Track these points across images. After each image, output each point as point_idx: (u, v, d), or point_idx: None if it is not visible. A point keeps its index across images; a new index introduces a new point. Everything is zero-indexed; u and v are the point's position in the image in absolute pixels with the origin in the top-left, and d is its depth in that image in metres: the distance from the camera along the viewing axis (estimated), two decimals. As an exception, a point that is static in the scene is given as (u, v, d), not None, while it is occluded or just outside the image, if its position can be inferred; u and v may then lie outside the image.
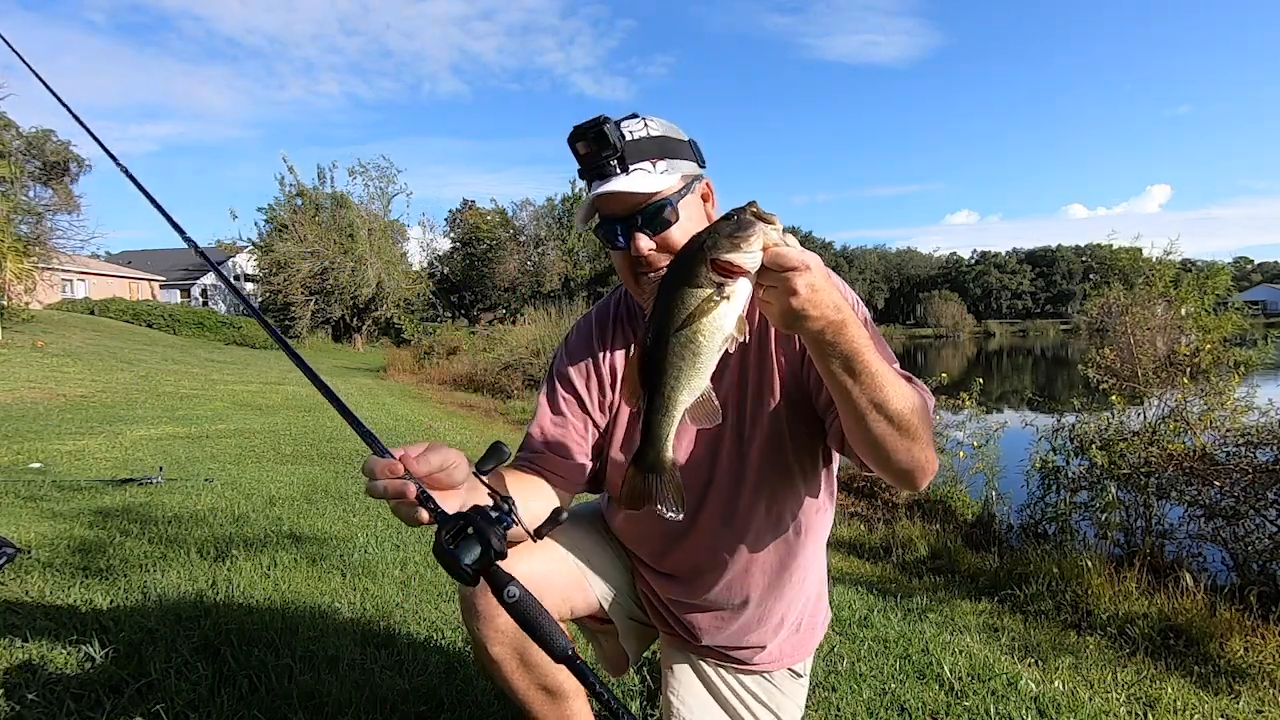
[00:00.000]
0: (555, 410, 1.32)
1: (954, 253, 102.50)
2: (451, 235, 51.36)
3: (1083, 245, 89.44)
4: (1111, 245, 9.42)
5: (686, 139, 1.25)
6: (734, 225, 0.89)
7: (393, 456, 0.88)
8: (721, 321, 0.91)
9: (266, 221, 32.81)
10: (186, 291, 41.34)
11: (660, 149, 1.19)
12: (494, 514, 0.87)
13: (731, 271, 0.89)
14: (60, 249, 25.95)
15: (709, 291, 0.90)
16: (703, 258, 0.90)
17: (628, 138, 1.17)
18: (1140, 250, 8.04)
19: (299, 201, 32.55)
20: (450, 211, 54.32)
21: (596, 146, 1.15)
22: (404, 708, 1.76)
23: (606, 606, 1.36)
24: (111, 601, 2.34)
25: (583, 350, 1.36)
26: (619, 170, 1.16)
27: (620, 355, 1.35)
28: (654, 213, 1.17)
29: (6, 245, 17.43)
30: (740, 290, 0.91)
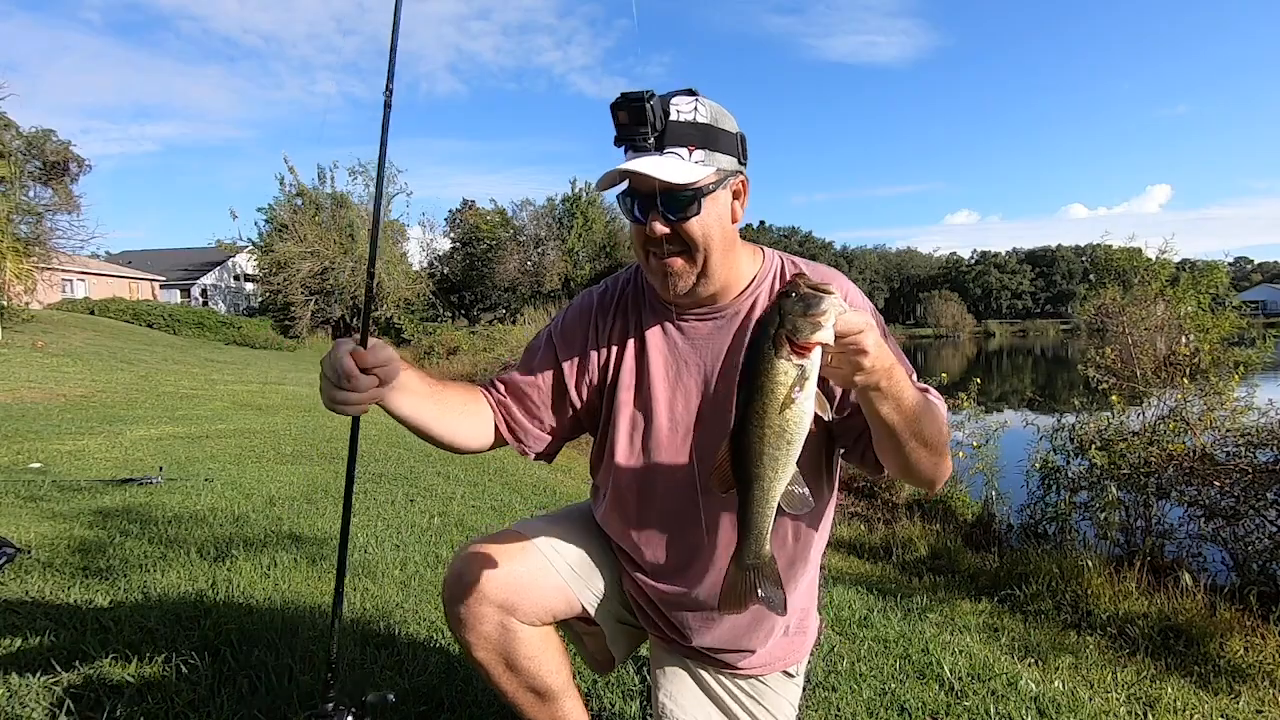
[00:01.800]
0: (528, 371, 1.34)
1: (954, 253, 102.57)
2: (451, 235, 51.42)
3: (1083, 245, 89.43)
4: (1109, 245, 9.40)
5: (735, 131, 1.21)
6: (805, 304, 0.89)
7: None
8: (807, 404, 0.92)
9: (266, 221, 32.83)
10: (186, 291, 41.33)
11: (702, 137, 1.15)
12: None
13: (809, 349, 0.89)
14: (60, 249, 25.92)
15: (794, 376, 0.90)
16: (782, 342, 0.89)
17: (672, 117, 1.14)
18: (1139, 250, 8.04)
19: (299, 201, 32.55)
20: (450, 211, 54.36)
21: (634, 120, 1.12)
22: (404, 708, 1.76)
23: (593, 611, 1.34)
24: (111, 601, 2.34)
25: (576, 327, 1.35)
26: (653, 149, 1.13)
27: (614, 347, 1.33)
28: (678, 200, 1.15)
29: (6, 245, 17.44)
30: (816, 365, 0.91)
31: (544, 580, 1.27)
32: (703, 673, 1.37)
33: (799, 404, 0.90)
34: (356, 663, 2.01)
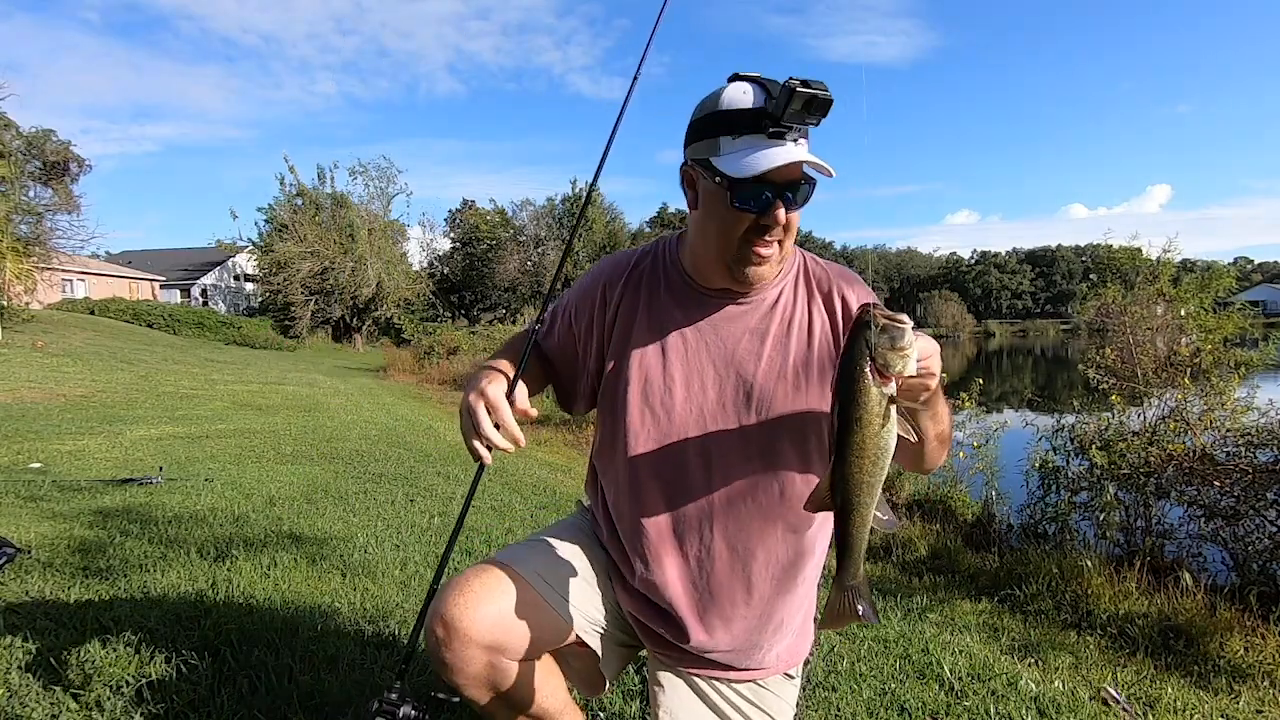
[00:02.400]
0: (550, 335, 1.38)
1: (954, 253, 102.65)
2: (451, 235, 51.41)
3: (1083, 245, 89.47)
4: (1111, 245, 9.39)
5: None
6: (891, 337, 0.94)
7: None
8: (894, 427, 0.98)
9: (266, 221, 32.81)
10: (186, 291, 41.32)
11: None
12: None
13: (897, 379, 0.96)
14: (60, 249, 25.91)
15: (885, 404, 0.96)
16: (874, 375, 0.95)
17: None
18: (1140, 250, 8.04)
19: (299, 201, 32.55)
20: (450, 211, 54.33)
21: (811, 111, 1.07)
22: (404, 708, 1.76)
23: (587, 637, 1.28)
24: (111, 601, 2.34)
25: (591, 294, 1.34)
26: (799, 139, 1.11)
27: (626, 319, 1.30)
28: (805, 192, 1.15)
29: (6, 245, 17.43)
30: (894, 391, 0.97)
31: (534, 614, 1.21)
32: (702, 684, 1.33)
33: (890, 430, 0.97)
34: (357, 663, 2.01)
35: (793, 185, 1.13)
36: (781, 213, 1.13)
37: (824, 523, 1.29)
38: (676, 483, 1.26)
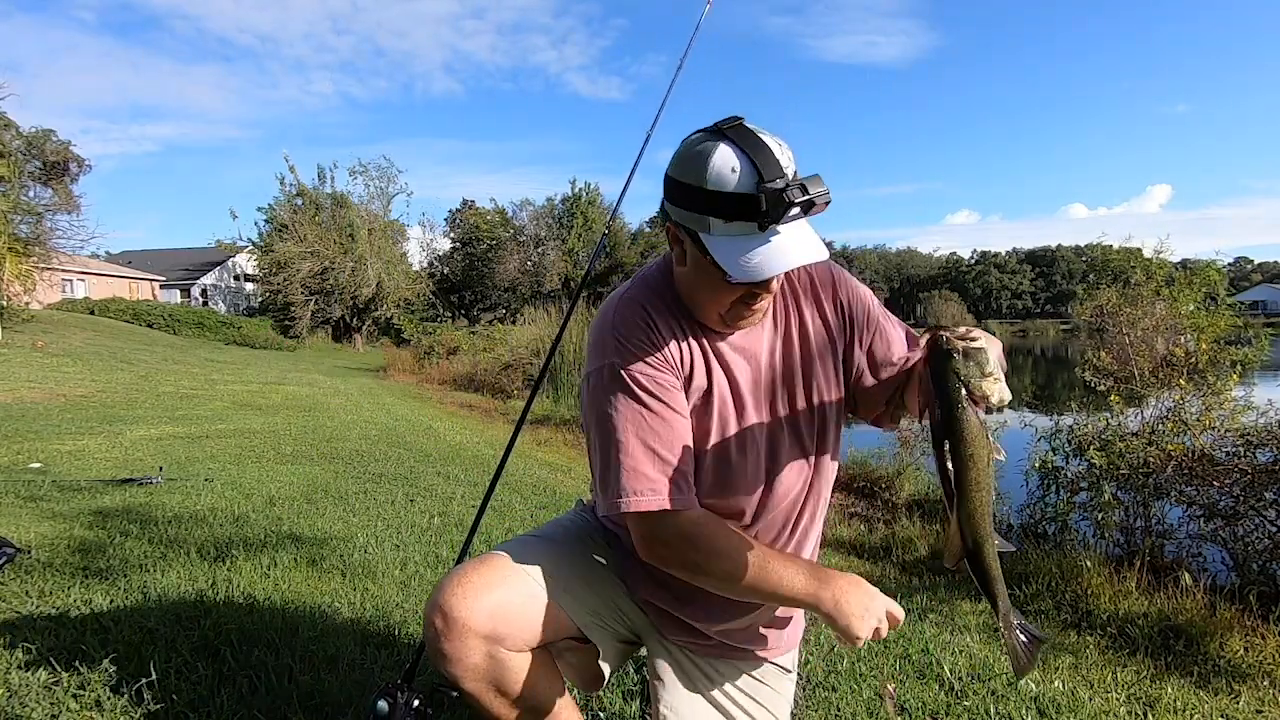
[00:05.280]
0: (657, 425, 1.16)
1: (954, 253, 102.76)
2: (451, 235, 51.44)
3: (1083, 245, 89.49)
4: (1111, 246, 9.40)
5: None
6: (979, 364, 0.93)
7: None
8: (992, 444, 0.97)
9: (266, 221, 32.81)
10: (186, 291, 41.33)
11: None
12: None
13: (988, 400, 0.95)
14: (60, 249, 25.90)
15: (981, 428, 0.95)
16: (971, 404, 0.94)
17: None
18: (1139, 250, 8.04)
19: (299, 201, 32.55)
20: (450, 211, 54.41)
21: (807, 213, 1.06)
22: (404, 708, 1.76)
23: (587, 630, 1.29)
24: (111, 601, 2.34)
25: (650, 346, 1.20)
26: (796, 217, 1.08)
27: (678, 350, 1.22)
28: None
29: (6, 245, 17.43)
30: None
31: (532, 605, 1.21)
32: (702, 678, 1.36)
33: (991, 450, 0.96)
34: (357, 663, 2.01)
35: None
36: (776, 283, 1.17)
37: (818, 502, 1.35)
38: (723, 487, 1.27)
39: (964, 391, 0.91)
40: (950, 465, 0.96)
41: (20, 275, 18.02)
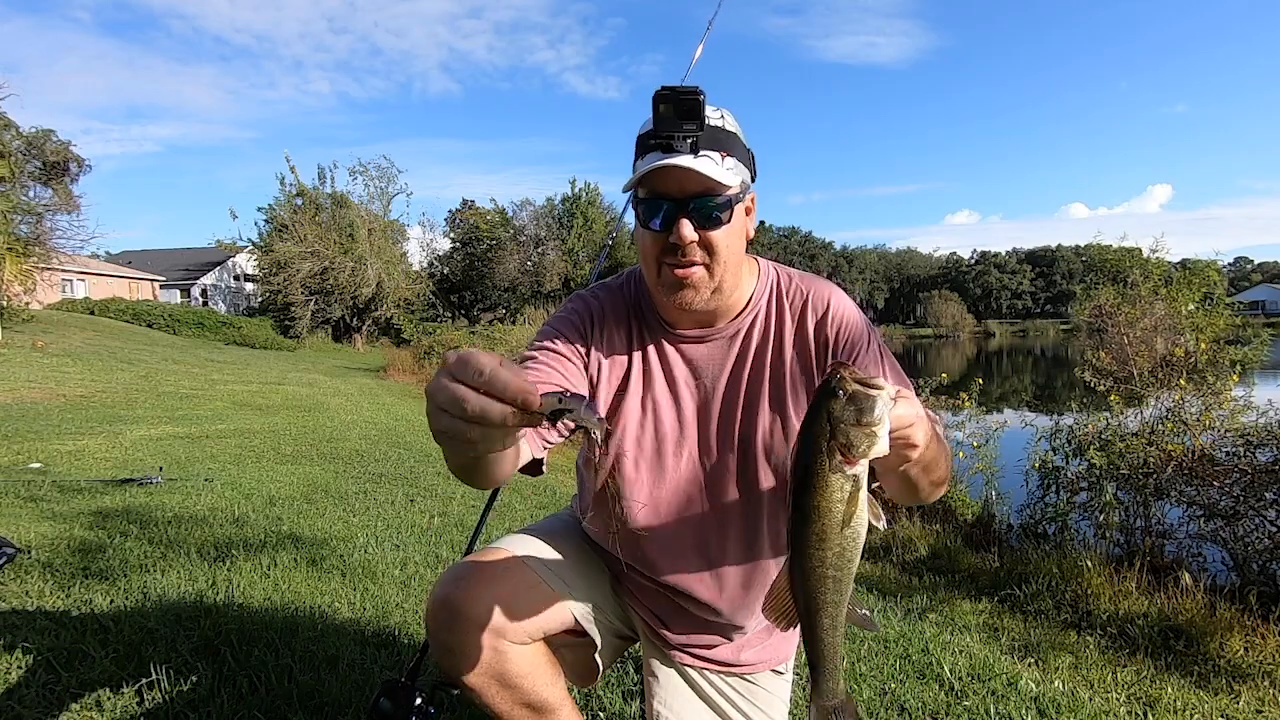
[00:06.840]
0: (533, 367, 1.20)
1: (954, 253, 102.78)
2: (451, 235, 51.39)
3: (1083, 245, 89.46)
4: (1108, 245, 9.41)
5: (748, 147, 1.19)
6: (858, 411, 0.77)
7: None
8: (863, 514, 0.83)
9: (266, 221, 32.79)
10: (186, 291, 41.31)
11: (731, 146, 1.12)
12: None
13: (863, 460, 0.80)
14: (60, 249, 25.87)
15: (850, 490, 0.81)
16: (835, 456, 0.79)
17: (709, 121, 1.08)
18: (1138, 250, 8.04)
19: (299, 201, 32.52)
20: (450, 211, 54.39)
21: (682, 114, 1.04)
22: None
23: (585, 623, 1.29)
24: (111, 602, 2.34)
25: (571, 334, 1.24)
26: (689, 150, 1.07)
27: (614, 357, 1.26)
28: (710, 206, 1.10)
29: (5, 246, 17.43)
30: (866, 471, 0.82)
31: (533, 597, 1.21)
32: (697, 677, 1.36)
33: (857, 517, 0.83)
34: (357, 663, 2.01)
35: (697, 200, 1.10)
36: (687, 229, 1.10)
37: (769, 556, 1.32)
38: (670, 530, 1.27)
39: (827, 436, 0.78)
40: (790, 510, 0.84)
41: (20, 275, 18.01)
